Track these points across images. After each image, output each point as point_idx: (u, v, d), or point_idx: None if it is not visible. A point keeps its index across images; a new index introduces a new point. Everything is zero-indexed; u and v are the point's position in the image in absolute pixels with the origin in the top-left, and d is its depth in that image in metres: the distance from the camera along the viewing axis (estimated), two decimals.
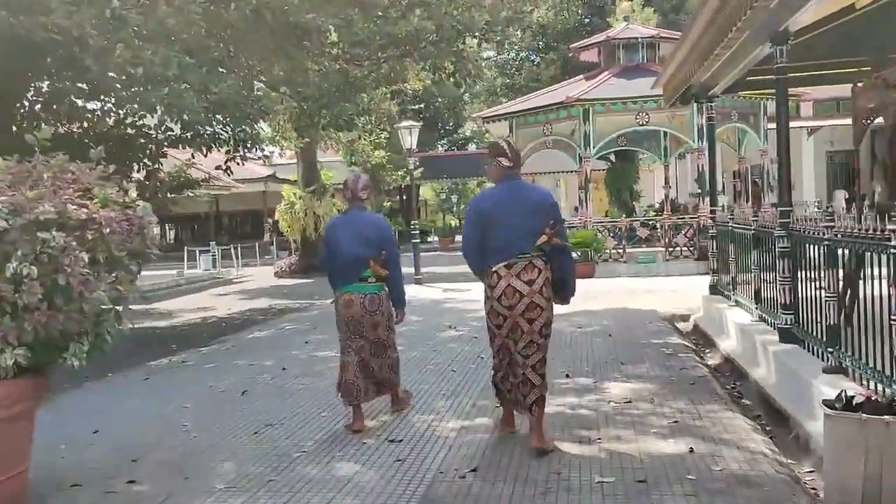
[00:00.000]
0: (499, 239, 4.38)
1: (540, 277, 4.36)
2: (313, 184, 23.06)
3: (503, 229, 4.37)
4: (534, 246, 4.36)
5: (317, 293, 17.00)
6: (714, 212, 9.23)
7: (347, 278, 4.94)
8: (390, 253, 5.05)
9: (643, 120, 16.28)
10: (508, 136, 18.30)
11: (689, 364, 6.43)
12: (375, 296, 4.96)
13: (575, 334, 8.13)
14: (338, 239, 5.00)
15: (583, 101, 16.16)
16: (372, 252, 4.92)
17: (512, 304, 4.33)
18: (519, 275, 4.32)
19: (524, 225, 4.35)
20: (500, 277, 4.35)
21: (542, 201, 4.50)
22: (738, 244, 7.85)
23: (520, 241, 4.34)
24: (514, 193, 4.47)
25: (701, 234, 16.09)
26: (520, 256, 4.34)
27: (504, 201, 4.44)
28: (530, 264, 4.34)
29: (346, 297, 4.93)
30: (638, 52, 18.45)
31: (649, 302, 10.79)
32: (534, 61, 28.49)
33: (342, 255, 4.93)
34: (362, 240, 4.92)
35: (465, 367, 6.86)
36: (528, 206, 4.42)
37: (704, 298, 9.22)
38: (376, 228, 5.05)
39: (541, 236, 4.36)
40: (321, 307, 13.19)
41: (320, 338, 8.93)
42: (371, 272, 4.90)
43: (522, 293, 4.31)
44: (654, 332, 8.08)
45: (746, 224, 7.37)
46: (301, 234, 23.09)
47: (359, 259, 4.88)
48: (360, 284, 4.91)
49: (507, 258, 4.36)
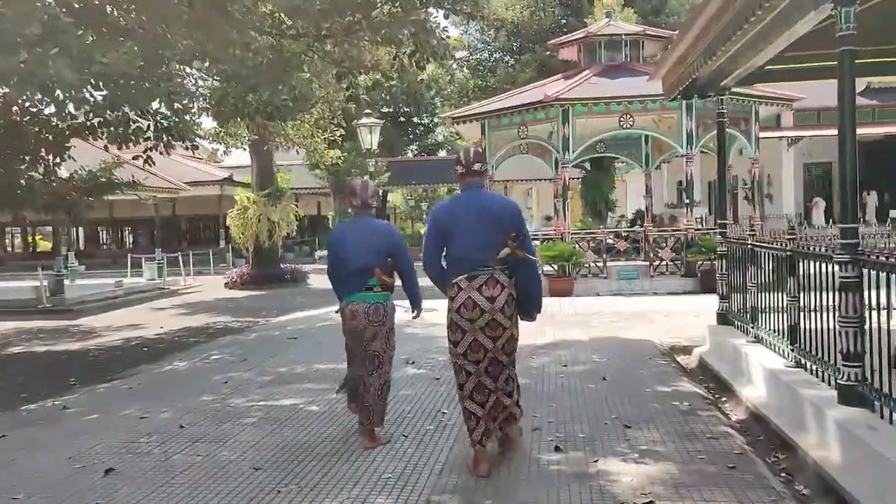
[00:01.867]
0: (457, 250, 4.26)
1: (502, 294, 4.19)
2: (268, 187, 21.30)
3: (462, 240, 4.23)
4: (494, 258, 4.18)
5: (265, 308, 15.30)
6: (723, 226, 7.74)
7: (353, 287, 4.83)
8: (403, 259, 4.89)
9: (627, 123, 14.85)
10: (480, 140, 16.79)
11: (715, 429, 4.88)
12: (381, 305, 4.83)
13: (561, 376, 6.56)
14: (345, 247, 4.88)
15: (562, 100, 14.68)
16: (379, 261, 4.78)
17: (472, 318, 4.19)
18: (480, 289, 4.17)
19: (483, 236, 4.20)
20: (460, 289, 4.21)
21: (503, 212, 4.31)
22: (763, 267, 6.37)
23: (478, 253, 4.19)
24: (473, 203, 4.29)
25: (688, 249, 14.71)
26: (481, 269, 4.19)
27: (462, 212, 4.29)
28: (492, 278, 4.18)
29: (351, 307, 4.83)
30: (621, 51, 17.05)
31: (641, 329, 9.29)
32: (508, 63, 27.04)
33: (349, 264, 4.82)
34: (370, 248, 4.79)
35: (419, 428, 5.23)
36: (487, 216, 4.23)
37: (712, 329, 7.74)
38: (386, 236, 4.93)
39: (502, 248, 4.18)
40: (264, 327, 11.50)
41: (245, 375, 7.25)
42: (377, 281, 4.77)
43: (484, 309, 4.16)
44: (658, 375, 6.55)
45: (777, 243, 5.89)
46: (254, 241, 21.29)
47: (365, 268, 4.76)
48: (365, 294, 4.80)
49: (466, 270, 4.21)
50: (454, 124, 16.84)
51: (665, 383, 6.16)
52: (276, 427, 5.25)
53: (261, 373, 7.31)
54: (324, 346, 8.80)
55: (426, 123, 42.59)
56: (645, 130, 15.46)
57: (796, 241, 5.52)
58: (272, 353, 8.47)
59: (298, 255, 36.96)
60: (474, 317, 4.17)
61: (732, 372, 6.55)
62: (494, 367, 4.24)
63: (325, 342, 9.17)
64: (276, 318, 12.79)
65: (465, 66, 29.08)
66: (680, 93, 8.48)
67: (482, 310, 4.16)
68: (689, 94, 8.64)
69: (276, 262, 21.96)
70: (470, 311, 4.18)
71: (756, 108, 15.79)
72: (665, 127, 14.89)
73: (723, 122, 7.80)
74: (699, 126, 14.80)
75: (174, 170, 33.29)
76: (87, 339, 11.89)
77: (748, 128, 15.89)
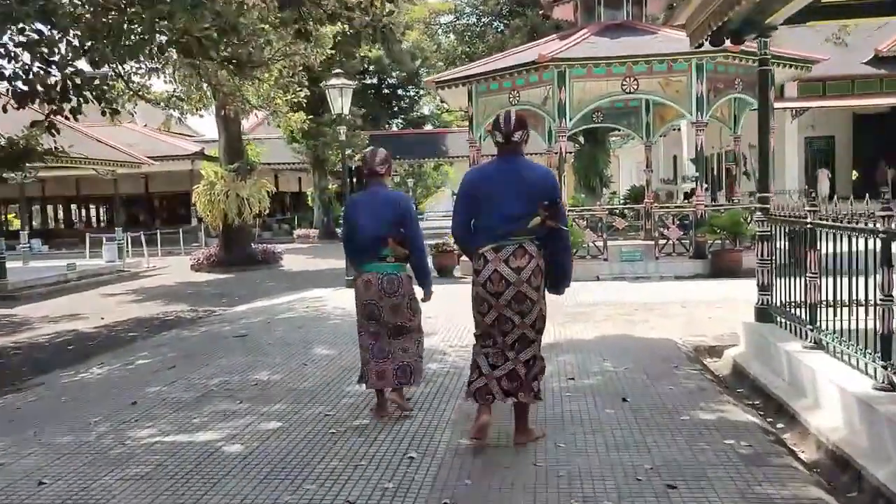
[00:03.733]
0: (486, 219, 4.07)
1: (530, 265, 4.00)
2: (237, 160, 19.64)
3: (491, 209, 4.03)
4: (525, 228, 3.99)
5: (228, 294, 13.75)
6: (764, 201, 6.23)
7: (366, 258, 4.73)
8: (410, 231, 4.72)
9: (631, 87, 13.26)
10: (469, 107, 15.18)
11: (798, 490, 3.39)
12: (395, 276, 4.70)
13: (568, 395, 5.07)
14: (356, 217, 4.78)
15: (558, 61, 13.07)
16: (390, 230, 4.65)
17: (498, 292, 4.01)
18: (507, 260, 3.98)
19: (514, 205, 3.99)
20: (487, 261, 4.04)
21: (537, 180, 4.07)
22: (831, 254, 4.89)
23: (508, 223, 3.99)
24: (506, 171, 4.10)
25: (698, 228, 13.24)
26: (510, 239, 4.00)
27: (494, 179, 4.11)
28: (521, 248, 3.99)
29: (364, 277, 4.72)
30: (622, 8, 15.39)
31: (656, 323, 7.83)
32: (497, 28, 25.31)
33: (360, 234, 4.74)
34: (379, 218, 4.65)
35: (376, 487, 3.71)
36: (519, 184, 4.02)
37: (749, 328, 6.28)
38: (393, 205, 4.73)
39: (533, 218, 3.97)
40: (218, 319, 9.96)
41: (165, 391, 5.70)
42: (390, 251, 4.66)
43: (510, 281, 3.98)
44: (692, 393, 5.06)
45: (859, 223, 4.41)
46: (223, 219, 19.65)
47: (376, 238, 4.65)
48: (378, 264, 4.68)
49: (495, 240, 4.02)
50: (438, 89, 15.18)
51: (706, 407, 4.68)
52: (172, 485, 3.72)
53: (186, 386, 5.79)
54: (274, 348, 7.28)
55: (411, 95, 40.85)
56: (650, 95, 13.89)
57: (892, 220, 4.03)
58: (210, 357, 6.95)
59: (278, 234, 35.32)
60: (500, 290, 3.98)
61: (789, 389, 5.08)
62: (522, 343, 4.05)
63: (278, 342, 7.65)
64: (235, 308, 11.24)
65: (451, 32, 27.30)
66: (709, 37, 6.94)
67: (508, 282, 3.97)
68: (720, 39, 7.07)
69: (247, 243, 20.35)
70: (496, 285, 3.99)
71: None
72: (672, 91, 13.32)
73: (767, 70, 6.26)
74: (710, 90, 13.26)
75: (145, 144, 31.54)
76: (15, 332, 10.32)
77: None
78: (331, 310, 9.78)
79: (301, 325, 8.69)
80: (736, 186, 18.03)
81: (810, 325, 5.17)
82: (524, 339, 4.05)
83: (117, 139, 28.77)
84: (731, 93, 13.83)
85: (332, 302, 10.63)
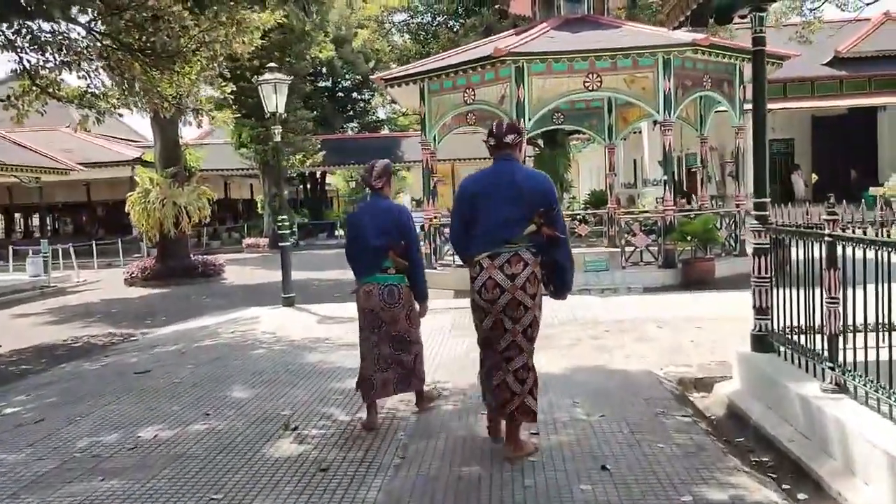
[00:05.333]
0: (481, 226, 4.03)
1: (524, 272, 3.95)
2: (173, 165, 18.19)
3: (486, 215, 4.01)
4: (520, 235, 3.95)
5: (155, 314, 12.36)
6: (762, 207, 5.22)
7: (367, 269, 4.74)
8: (408, 243, 4.72)
9: (594, 84, 12.28)
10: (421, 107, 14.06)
11: None
12: (395, 287, 4.71)
13: (530, 462, 3.95)
14: (357, 228, 4.81)
15: (516, 55, 12.04)
16: (390, 242, 4.66)
17: (493, 299, 3.98)
18: (502, 267, 3.96)
19: (508, 211, 3.96)
20: (482, 268, 4.02)
21: (531, 186, 4.01)
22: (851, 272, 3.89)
23: (502, 230, 3.96)
24: (499, 176, 4.05)
25: (667, 235, 12.32)
26: (506, 246, 3.96)
27: (487, 185, 4.07)
28: (516, 255, 3.95)
29: (365, 288, 4.74)
30: (583, 2, 14.44)
31: (631, 349, 6.79)
32: (453, 28, 24.29)
33: (361, 245, 4.76)
34: (379, 229, 4.67)
35: None
36: (513, 190, 3.98)
37: (744, 358, 5.27)
38: (392, 217, 4.71)
39: (528, 225, 3.93)
40: (132, 346, 8.64)
41: (10, 461, 4.43)
42: (391, 262, 4.68)
43: (504, 287, 3.95)
44: (690, 455, 3.97)
45: None
46: (159, 229, 18.17)
47: (377, 249, 4.67)
48: (380, 275, 4.69)
49: (489, 248, 3.99)
50: (387, 87, 14.02)
51: (710, 477, 3.60)
52: None
53: (45, 451, 4.53)
54: (178, 389, 6.04)
55: (366, 99, 39.60)
56: (615, 93, 12.92)
57: None
58: (95, 404, 5.68)
59: (227, 243, 33.71)
60: (494, 297, 3.97)
61: (808, 445, 4.05)
62: (512, 349, 4.01)
63: (185, 380, 6.40)
64: (157, 331, 9.93)
65: (405, 31, 26.19)
66: (689, 17, 6.00)
67: (502, 288, 3.95)
68: (701, 19, 6.14)
69: (186, 254, 18.89)
70: (490, 292, 3.98)
71: (741, 66, 13.42)
72: (638, 88, 12.38)
73: (761, 51, 5.24)
74: (678, 87, 12.36)
75: (84, 150, 29.71)
76: None
77: (732, 91, 13.52)
78: (259, 335, 8.53)
79: (220, 355, 7.45)
80: (703, 190, 17.23)
81: (830, 363, 4.16)
82: (514, 345, 4.00)
83: (52, 145, 27.01)
84: (700, 90, 12.97)
85: (265, 324, 9.39)
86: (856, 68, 27.24)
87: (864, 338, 4.14)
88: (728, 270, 12.62)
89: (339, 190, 45.24)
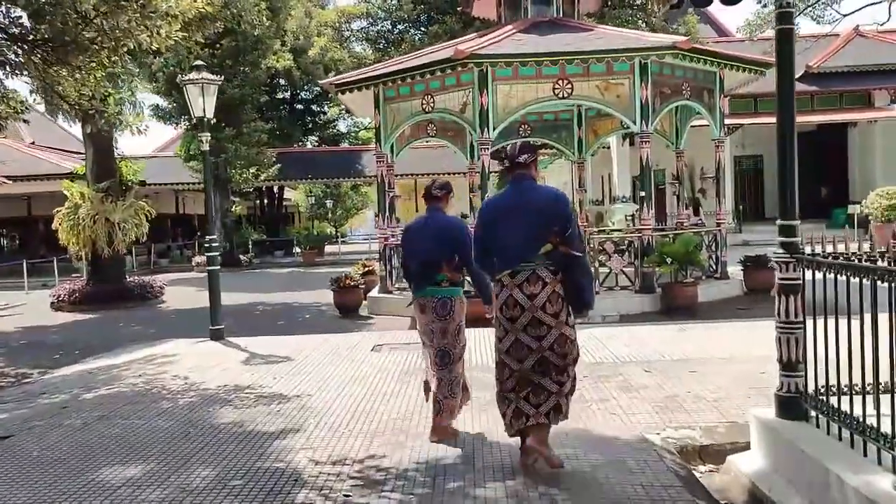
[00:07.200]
0: (501, 246, 4.13)
1: (544, 291, 4.00)
2: (107, 179, 16.62)
3: (505, 236, 4.10)
4: (536, 255, 4.02)
5: (69, 347, 10.78)
6: (790, 232, 4.03)
7: (421, 282, 4.85)
8: (462, 255, 4.73)
9: (564, 91, 11.16)
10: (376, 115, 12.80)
11: None
12: (448, 300, 4.80)
13: None
14: (412, 243, 4.97)
15: (479, 58, 10.86)
16: (443, 256, 4.75)
17: (514, 317, 4.06)
18: (521, 286, 4.02)
19: (525, 231, 4.04)
20: (503, 286, 4.11)
21: (546, 205, 4.09)
22: None
23: (520, 249, 4.05)
24: (515, 196, 4.16)
25: (645, 258, 11.20)
26: (524, 265, 4.03)
27: (503, 205, 4.21)
28: (534, 274, 4.01)
29: (419, 301, 4.88)
30: (551, 3, 13.38)
31: (618, 402, 5.56)
32: (414, 36, 23.13)
33: (415, 259, 4.89)
34: (431, 242, 4.78)
35: None
36: (527, 210, 4.06)
37: (768, 429, 4.09)
38: (446, 231, 4.81)
39: (545, 244, 4.01)
40: (16, 396, 7.14)
41: None
42: (444, 276, 4.76)
43: (524, 307, 4.01)
44: None
45: None
46: (90, 248, 16.56)
47: (430, 263, 4.77)
48: (433, 288, 4.80)
49: (509, 267, 4.09)
50: (338, 93, 12.72)
51: None
52: None
53: None
54: (33, 468, 4.62)
55: (326, 112, 38.21)
56: (587, 101, 11.81)
57: None
58: None
59: (177, 261, 31.93)
60: (515, 315, 4.03)
61: None
62: (543, 365, 4.02)
63: (49, 449, 4.98)
64: (58, 371, 8.43)
65: (364, 39, 24.96)
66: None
67: (522, 307, 4.01)
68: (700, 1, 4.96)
69: (120, 275, 17.27)
70: (511, 310, 4.04)
71: (721, 75, 12.44)
72: (613, 96, 11.29)
73: (789, 30, 4.05)
74: (656, 96, 11.30)
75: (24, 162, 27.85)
76: None
77: (712, 101, 12.53)
78: (169, 381, 7.11)
79: (110, 410, 6.03)
80: (679, 208, 16.26)
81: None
82: (545, 362, 4.00)
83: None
84: (678, 100, 11.94)
85: (181, 365, 7.96)
86: (826, 84, 26.78)
87: None
88: (710, 295, 11.57)
89: (298, 205, 43.62)
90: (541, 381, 4.00)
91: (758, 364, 6.49)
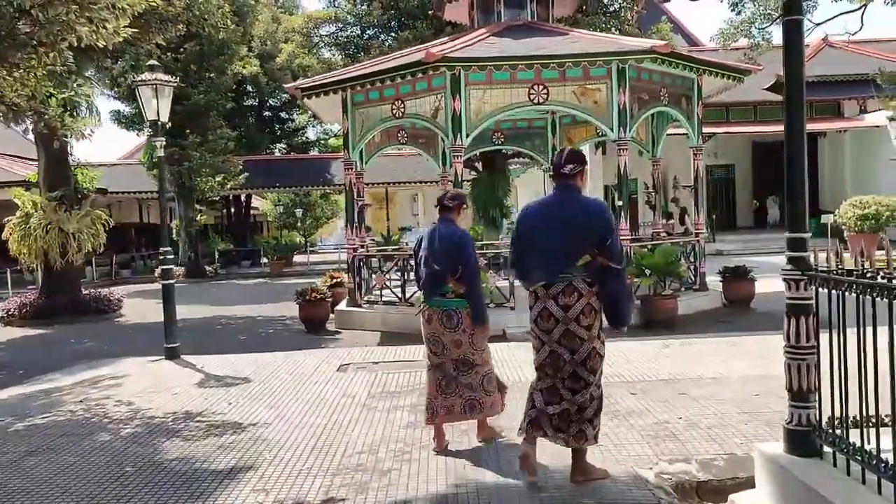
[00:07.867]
0: (536, 256, 4.05)
1: (578, 303, 3.91)
2: (61, 187, 15.84)
3: (541, 246, 4.02)
4: (573, 266, 3.93)
5: (13, 366, 10.06)
6: (800, 246, 3.60)
7: (428, 293, 4.87)
8: (463, 267, 4.69)
9: (539, 96, 10.77)
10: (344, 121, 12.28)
11: None
12: (454, 311, 4.76)
13: None
14: (420, 252, 4.96)
15: (451, 61, 10.42)
16: (448, 268, 4.71)
17: (548, 329, 3.98)
18: (556, 297, 3.94)
19: (562, 242, 3.95)
20: (537, 298, 4.04)
21: (585, 216, 3.98)
22: None
23: (556, 261, 3.95)
24: (554, 207, 4.11)
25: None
26: (560, 276, 3.94)
27: (542, 216, 4.13)
28: (570, 286, 3.92)
29: (426, 312, 4.87)
30: (525, 7, 13.01)
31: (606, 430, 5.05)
32: (385, 42, 22.65)
33: (423, 270, 4.89)
34: (436, 254, 4.77)
35: None
36: (565, 220, 3.98)
37: (776, 466, 3.65)
38: (449, 243, 4.75)
39: (583, 255, 3.91)
40: None
41: None
42: (449, 287, 4.75)
43: (558, 318, 3.94)
44: None
45: None
46: (42, 259, 15.75)
47: (435, 274, 4.77)
48: (439, 299, 4.80)
49: (545, 277, 3.99)
50: (304, 98, 12.18)
51: None
52: None
53: None
54: None
55: (294, 119, 37.49)
56: (564, 107, 11.39)
57: None
58: None
59: (141, 272, 30.93)
60: (549, 327, 3.96)
61: None
62: (574, 381, 3.97)
63: None
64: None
65: (332, 45, 24.40)
66: None
67: (556, 319, 3.94)
68: None
69: (75, 288, 16.44)
70: (545, 322, 3.97)
71: (699, 81, 12.15)
72: (590, 102, 10.91)
73: (798, 20, 3.64)
74: (634, 102, 10.95)
75: None
76: None
77: (690, 108, 12.22)
78: (112, 408, 6.48)
79: (41, 444, 5.40)
80: (655, 218, 15.96)
81: None
82: (576, 377, 3.96)
83: None
84: (657, 106, 11.60)
85: (129, 387, 7.33)
86: None
87: None
88: (689, 307, 11.22)
89: (267, 214, 42.75)
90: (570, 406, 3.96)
91: (749, 384, 6.10)
